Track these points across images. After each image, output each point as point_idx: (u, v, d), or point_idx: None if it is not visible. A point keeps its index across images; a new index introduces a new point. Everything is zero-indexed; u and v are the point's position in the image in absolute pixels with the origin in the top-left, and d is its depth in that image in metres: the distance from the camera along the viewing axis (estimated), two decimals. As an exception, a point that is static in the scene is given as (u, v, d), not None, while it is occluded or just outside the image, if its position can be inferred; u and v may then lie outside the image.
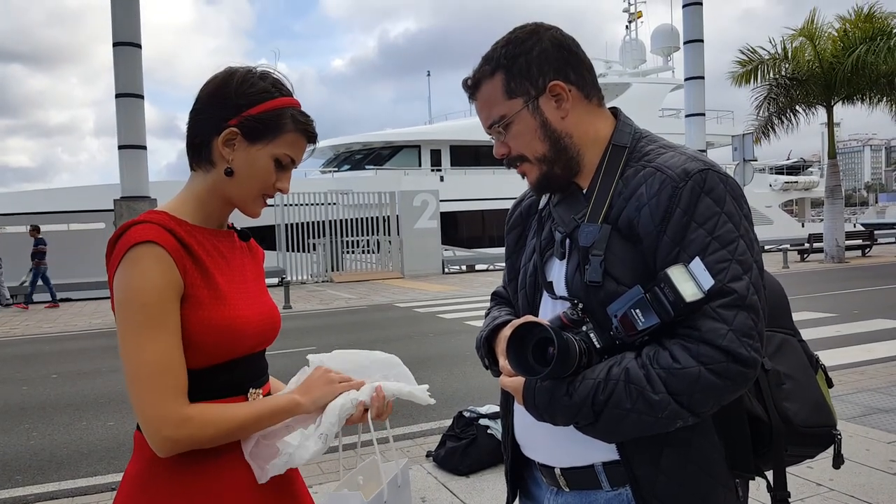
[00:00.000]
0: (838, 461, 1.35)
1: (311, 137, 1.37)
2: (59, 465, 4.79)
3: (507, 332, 1.29)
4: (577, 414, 1.15)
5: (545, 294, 1.34)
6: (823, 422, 1.31)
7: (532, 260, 1.38)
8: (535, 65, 1.27)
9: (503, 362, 1.29)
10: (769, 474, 1.32)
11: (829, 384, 1.40)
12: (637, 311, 1.11)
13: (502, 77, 1.28)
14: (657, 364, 1.11)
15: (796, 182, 38.67)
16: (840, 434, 1.33)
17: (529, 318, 1.18)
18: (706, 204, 1.15)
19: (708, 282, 1.10)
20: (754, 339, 1.11)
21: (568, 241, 1.29)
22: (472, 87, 1.33)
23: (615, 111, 1.37)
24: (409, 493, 1.46)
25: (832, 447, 1.34)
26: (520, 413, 1.32)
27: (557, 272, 1.31)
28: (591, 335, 1.17)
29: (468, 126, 31.63)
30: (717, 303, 1.11)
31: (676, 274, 1.10)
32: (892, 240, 27.35)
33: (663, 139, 1.32)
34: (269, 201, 1.46)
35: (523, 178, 1.36)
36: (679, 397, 1.10)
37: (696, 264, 1.11)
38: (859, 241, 22.43)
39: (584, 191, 1.30)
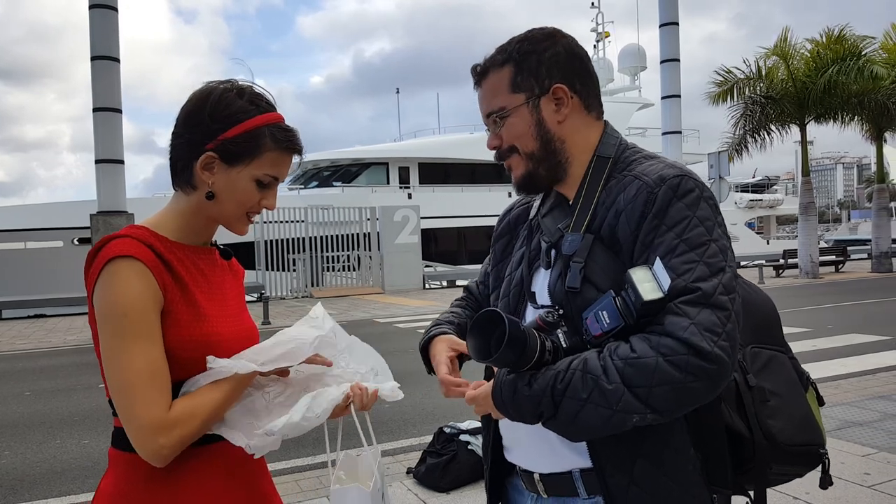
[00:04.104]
0: (825, 481, 1.34)
1: (295, 151, 1.35)
2: (31, 485, 4.69)
3: (440, 355, 1.36)
4: (540, 404, 1.15)
5: (529, 305, 1.35)
6: (809, 440, 1.30)
7: (519, 269, 1.39)
8: (545, 66, 1.30)
9: (442, 374, 1.33)
10: (753, 492, 1.32)
11: (820, 402, 1.39)
12: (603, 312, 1.13)
13: (511, 70, 1.31)
14: (616, 355, 1.11)
15: (761, 200, 39.13)
16: (828, 453, 1.32)
17: (493, 309, 1.18)
18: (677, 208, 1.17)
19: (667, 281, 1.10)
20: (719, 337, 1.08)
21: (553, 250, 1.30)
22: (481, 73, 1.35)
23: (604, 124, 1.38)
24: (383, 481, 1.46)
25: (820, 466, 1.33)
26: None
27: (541, 282, 1.33)
28: (561, 336, 1.19)
29: (437, 143, 31.55)
30: (680, 299, 1.11)
31: (639, 274, 1.12)
32: (865, 256, 27.80)
33: (647, 150, 1.34)
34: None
35: (509, 172, 1.37)
36: (636, 389, 1.08)
37: (658, 265, 1.12)
38: (833, 257, 22.83)
39: (571, 201, 1.32)
